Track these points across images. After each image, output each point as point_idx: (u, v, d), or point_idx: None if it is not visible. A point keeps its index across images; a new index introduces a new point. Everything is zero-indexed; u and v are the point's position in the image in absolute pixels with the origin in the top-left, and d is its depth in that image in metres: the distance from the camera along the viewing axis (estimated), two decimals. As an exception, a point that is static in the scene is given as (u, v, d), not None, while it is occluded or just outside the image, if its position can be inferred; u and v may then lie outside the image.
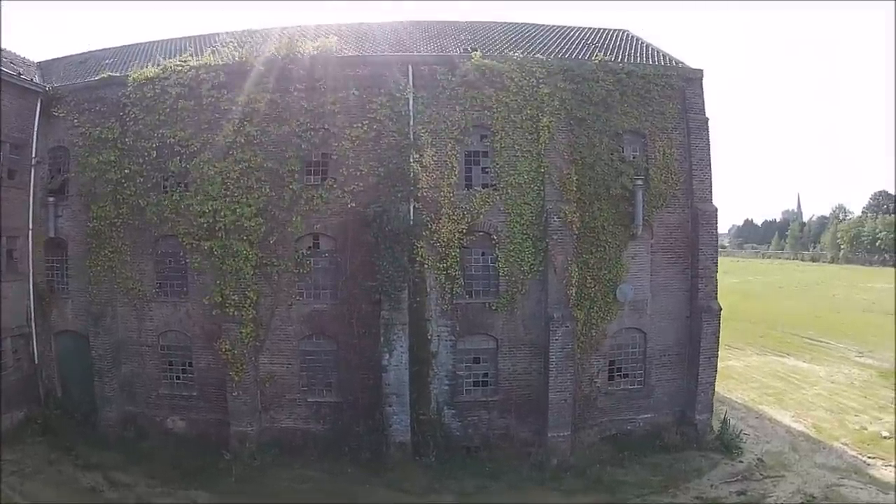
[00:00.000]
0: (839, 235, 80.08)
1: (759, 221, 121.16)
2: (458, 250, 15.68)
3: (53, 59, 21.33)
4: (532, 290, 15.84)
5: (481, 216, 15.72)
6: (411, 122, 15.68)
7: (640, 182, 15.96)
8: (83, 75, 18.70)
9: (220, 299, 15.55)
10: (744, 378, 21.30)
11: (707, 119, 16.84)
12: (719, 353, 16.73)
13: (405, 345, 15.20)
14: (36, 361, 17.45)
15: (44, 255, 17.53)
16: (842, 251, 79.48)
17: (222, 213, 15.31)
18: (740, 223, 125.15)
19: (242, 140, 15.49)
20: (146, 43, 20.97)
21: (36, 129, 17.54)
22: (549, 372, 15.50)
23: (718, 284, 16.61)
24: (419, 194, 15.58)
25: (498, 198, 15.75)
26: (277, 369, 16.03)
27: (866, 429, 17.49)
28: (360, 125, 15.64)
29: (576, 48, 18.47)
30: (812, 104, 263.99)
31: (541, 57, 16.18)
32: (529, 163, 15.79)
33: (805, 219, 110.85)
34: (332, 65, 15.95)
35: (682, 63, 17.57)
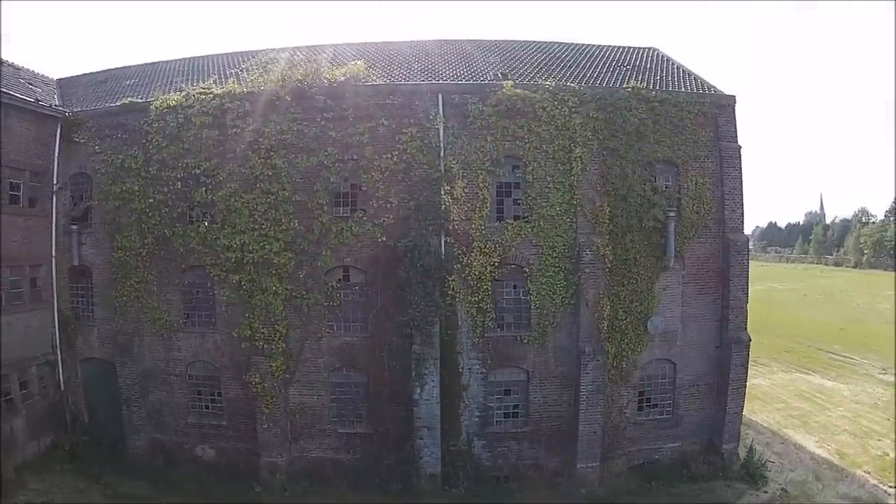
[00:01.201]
0: (862, 240, 79.83)
1: (782, 223, 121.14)
2: (489, 283, 15.57)
3: (73, 77, 21.01)
4: (563, 323, 15.77)
5: (513, 249, 15.56)
6: (442, 153, 15.43)
7: (672, 213, 15.79)
8: (104, 97, 18.36)
9: (250, 332, 15.45)
10: (769, 398, 21.42)
11: (739, 147, 16.61)
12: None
13: (436, 379, 15.17)
14: (62, 388, 17.38)
15: (68, 283, 17.36)
16: (865, 256, 79.26)
17: (251, 248, 15.11)
18: (764, 224, 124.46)
19: (269, 172, 15.23)
20: (167, 62, 20.57)
21: (56, 154, 17.23)
22: (579, 404, 15.53)
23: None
24: (450, 227, 15.39)
25: (530, 230, 15.58)
26: (308, 400, 16.01)
27: (888, 455, 17.60)
28: (389, 156, 15.38)
29: (606, 70, 18.17)
30: (834, 102, 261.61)
31: (573, 85, 15.86)
32: (562, 194, 15.59)
33: (828, 220, 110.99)
34: (360, 94, 15.63)
35: (713, 87, 17.28)
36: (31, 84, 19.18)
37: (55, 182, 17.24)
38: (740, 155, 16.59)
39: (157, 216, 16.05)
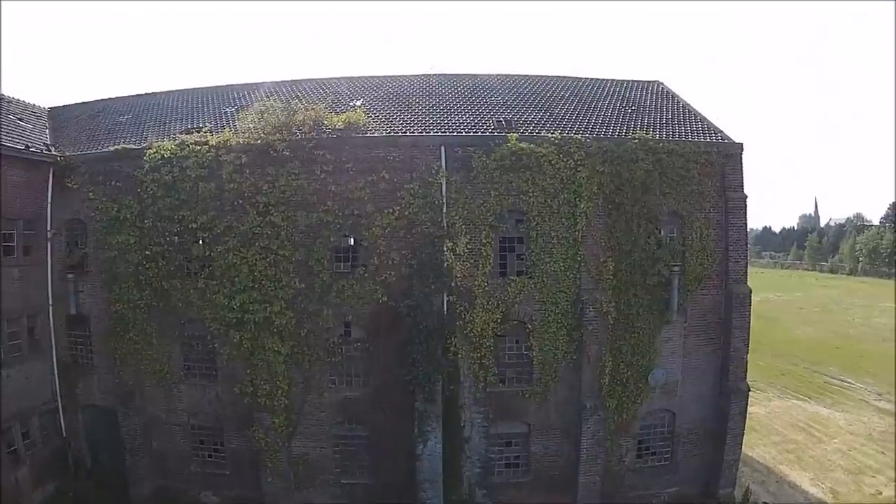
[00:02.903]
0: (858, 248, 79.72)
1: (777, 226, 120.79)
2: (491, 339, 15.52)
3: (66, 106, 20.45)
4: (565, 377, 15.81)
5: (516, 305, 15.47)
6: (444, 209, 15.16)
7: (676, 268, 15.66)
8: (96, 136, 17.91)
9: (252, 388, 15.41)
10: (766, 430, 21.68)
11: (745, 196, 16.39)
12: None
13: (439, 435, 15.26)
14: (64, 434, 17.41)
15: (66, 330, 17.19)
16: (860, 264, 79.20)
17: (251, 308, 14.92)
18: (758, 227, 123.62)
19: (269, 231, 14.95)
20: (161, 94, 20.02)
21: (50, 200, 16.88)
22: (579, 455, 15.72)
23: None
24: (453, 284, 15.24)
25: (533, 286, 15.46)
26: (311, 452, 16.10)
27: (881, 492, 17.95)
28: (390, 210, 15.10)
29: (610, 109, 17.85)
30: (828, 104, 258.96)
31: (578, 137, 15.48)
32: (566, 250, 15.42)
33: (822, 223, 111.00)
34: (361, 146, 15.25)
35: (719, 132, 16.97)
36: (20, 120, 18.68)
37: (49, 229, 16.92)
38: (746, 204, 16.39)
39: (155, 268, 15.79)
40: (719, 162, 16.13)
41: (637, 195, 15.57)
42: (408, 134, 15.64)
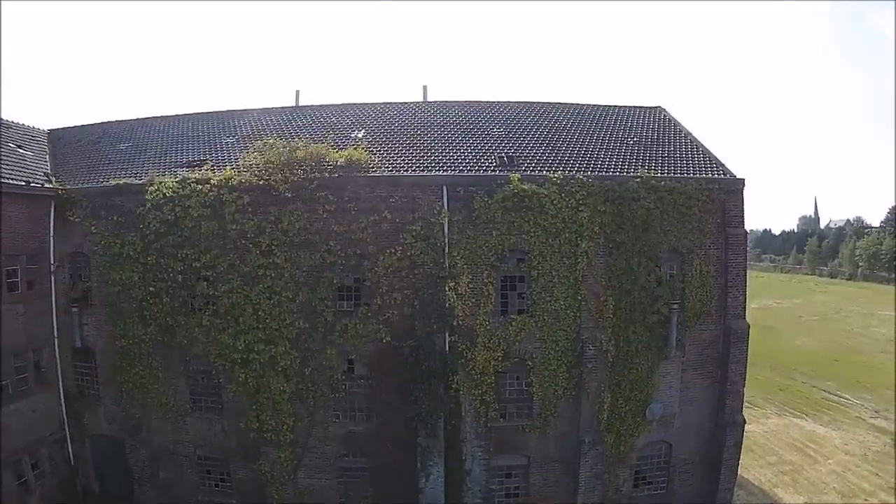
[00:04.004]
0: (858, 253, 79.55)
1: (776, 228, 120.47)
2: (493, 377, 15.76)
3: (66, 129, 20.32)
4: (564, 411, 16.09)
5: (517, 343, 15.67)
6: (446, 250, 15.25)
7: (675, 306, 15.84)
8: (97, 166, 17.90)
9: (258, 424, 15.68)
10: (762, 450, 22.02)
11: (746, 233, 16.50)
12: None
13: (441, 470, 15.63)
14: (72, 463, 17.72)
15: (71, 361, 17.36)
16: (860, 269, 79.10)
17: (257, 348, 15.09)
18: (758, 229, 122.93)
19: (273, 273, 15.05)
20: (160, 118, 19.86)
21: (52, 233, 16.88)
22: (578, 487, 16.11)
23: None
24: (455, 323, 15.41)
25: (534, 324, 15.64)
26: (315, 483, 16.41)
27: (872, 516, 18.46)
28: (393, 251, 15.20)
29: (611, 138, 17.82)
30: (827, 106, 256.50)
31: (581, 177, 15.49)
32: (566, 289, 15.57)
33: (822, 224, 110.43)
34: (362, 185, 15.27)
35: (721, 166, 16.95)
36: (20, 147, 18.57)
37: (52, 262, 16.97)
38: (746, 240, 16.52)
39: (159, 304, 15.90)
40: (720, 198, 16.20)
41: (638, 233, 15.66)
42: (410, 174, 15.63)
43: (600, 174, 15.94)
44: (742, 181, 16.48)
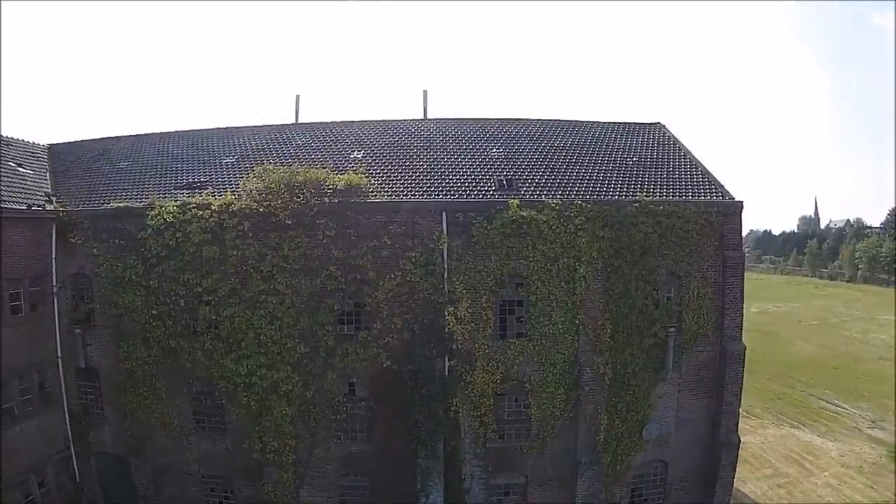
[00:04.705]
0: (857, 255, 79.44)
1: (777, 228, 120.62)
2: (491, 399, 15.97)
3: (67, 143, 20.35)
4: (562, 432, 16.32)
5: (515, 366, 15.86)
6: (446, 275, 15.38)
7: (672, 329, 16.01)
8: (96, 183, 18.15)
9: (260, 445, 15.93)
10: (759, 462, 22.29)
11: (743, 255, 16.63)
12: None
13: (441, 489, 15.90)
14: (78, 480, 18.00)
15: (76, 381, 17.57)
16: (859, 271, 79.03)
17: (259, 373, 15.29)
18: (757, 228, 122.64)
19: (274, 299, 15.20)
20: (160, 135, 19.88)
21: (54, 254, 16.99)
22: (575, 505, 16.41)
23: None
24: (454, 347, 15.58)
25: (532, 348, 15.82)
26: (317, 501, 16.71)
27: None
28: (392, 277, 15.33)
29: (610, 159, 17.92)
30: (827, 105, 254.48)
31: (579, 202, 15.56)
32: (564, 313, 15.72)
33: (823, 224, 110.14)
34: (362, 211, 15.35)
35: (721, 189, 17.01)
36: (20, 166, 18.62)
37: (55, 283, 17.11)
38: (743, 263, 16.63)
39: (162, 327, 16.07)
40: (718, 221, 16.28)
41: (636, 258, 15.78)
42: (409, 199, 15.70)
43: (599, 199, 16.00)
44: (740, 204, 16.56)
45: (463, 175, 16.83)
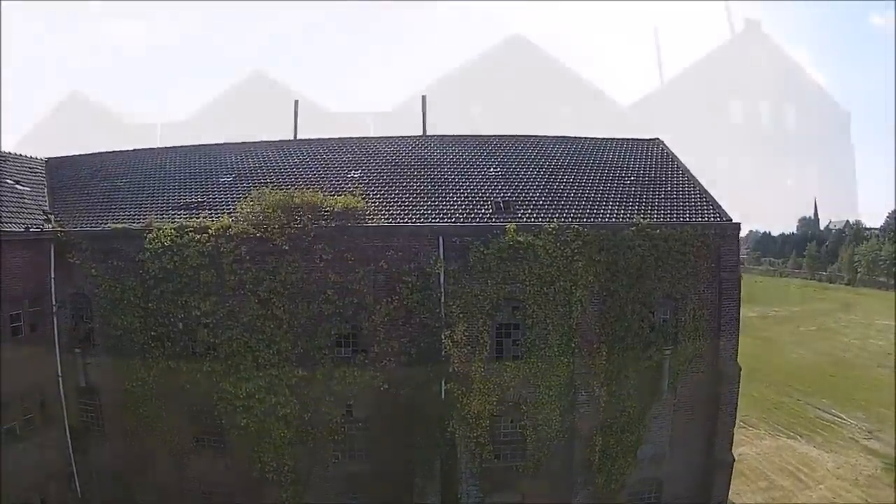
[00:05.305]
0: (857, 258, 79.02)
1: (776, 229, 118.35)
2: (487, 420, 16.11)
3: (63, 158, 20.32)
4: (557, 452, 16.49)
5: (511, 388, 15.98)
6: (442, 299, 15.44)
7: (668, 352, 16.10)
8: (94, 200, 18.11)
9: (260, 465, 16.11)
10: (754, 474, 22.34)
11: (740, 276, 16.66)
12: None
13: (438, 509, 16.10)
14: (80, 496, 18.23)
15: (77, 399, 17.71)
16: (858, 274, 78.72)
17: (257, 397, 15.42)
18: (757, 229, 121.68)
19: (272, 324, 15.28)
20: (159, 150, 20.02)
21: (52, 274, 17.02)
22: (570, 524, 16.61)
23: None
24: (451, 370, 15.69)
25: (528, 370, 15.93)
26: (318, 516, 16.98)
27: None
28: (389, 300, 15.41)
29: (607, 180, 17.90)
30: (827, 106, 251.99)
31: (576, 226, 15.59)
32: (560, 336, 15.82)
33: (822, 225, 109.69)
34: (359, 235, 15.39)
35: (718, 210, 16.99)
36: (18, 183, 18.63)
37: (54, 303, 17.19)
38: (739, 285, 16.67)
39: (161, 349, 16.18)
40: (715, 243, 16.30)
41: (632, 281, 15.83)
42: (406, 223, 15.72)
43: (596, 221, 16.02)
44: (737, 226, 16.59)
45: (460, 196, 16.84)
